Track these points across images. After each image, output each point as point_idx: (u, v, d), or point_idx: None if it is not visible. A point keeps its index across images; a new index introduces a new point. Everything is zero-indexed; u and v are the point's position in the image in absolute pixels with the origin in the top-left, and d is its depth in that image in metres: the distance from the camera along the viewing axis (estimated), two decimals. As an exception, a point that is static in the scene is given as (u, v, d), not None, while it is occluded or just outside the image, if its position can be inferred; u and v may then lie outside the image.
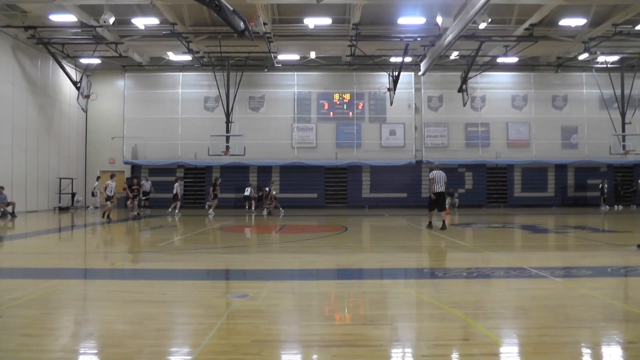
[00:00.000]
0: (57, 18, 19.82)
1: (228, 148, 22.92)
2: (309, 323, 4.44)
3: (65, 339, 4.03)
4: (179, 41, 21.61)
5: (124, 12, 19.84)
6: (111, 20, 18.11)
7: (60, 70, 23.41)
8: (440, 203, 13.32)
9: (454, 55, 24.67)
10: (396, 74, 24.24)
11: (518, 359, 3.59)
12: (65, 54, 23.37)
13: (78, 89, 23.75)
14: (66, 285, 6.07)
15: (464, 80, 24.03)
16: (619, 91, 24.80)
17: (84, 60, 24.63)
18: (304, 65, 26.84)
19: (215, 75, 24.10)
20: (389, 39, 21.69)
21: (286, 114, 27.43)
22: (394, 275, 7.08)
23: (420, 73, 25.62)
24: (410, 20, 20.10)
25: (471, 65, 23.22)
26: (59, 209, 23.68)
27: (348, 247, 10.32)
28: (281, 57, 25.14)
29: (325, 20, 20.73)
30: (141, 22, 20.48)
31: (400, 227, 15.13)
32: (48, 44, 21.74)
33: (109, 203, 17.08)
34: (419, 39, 21.42)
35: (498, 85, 27.68)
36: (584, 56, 23.52)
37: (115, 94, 27.45)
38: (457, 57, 24.89)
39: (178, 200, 21.18)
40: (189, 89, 27.41)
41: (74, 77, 24.05)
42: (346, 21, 21.48)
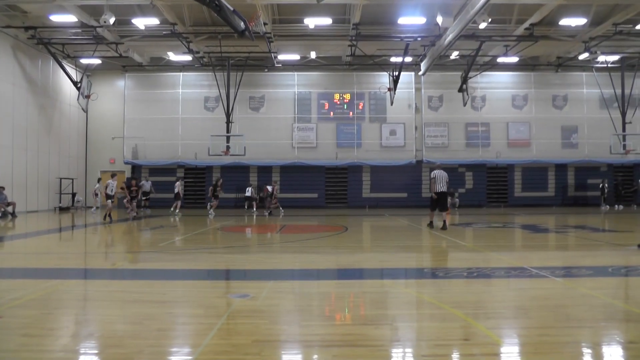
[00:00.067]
0: (58, 18, 19.85)
1: (228, 148, 22.93)
2: (310, 323, 4.43)
3: (66, 339, 4.03)
4: (179, 41, 21.63)
5: (124, 13, 19.86)
6: (111, 20, 18.14)
7: (61, 70, 23.43)
8: (442, 203, 13.32)
9: (454, 55, 24.67)
10: (396, 73, 24.26)
11: (519, 359, 3.59)
12: (66, 54, 23.39)
13: (78, 89, 23.79)
14: (66, 286, 6.07)
15: (464, 80, 24.05)
16: (619, 91, 24.80)
17: (84, 61, 24.67)
18: (304, 65, 26.84)
19: (215, 75, 24.11)
20: (389, 38, 21.69)
21: (286, 114, 27.44)
22: (394, 275, 7.08)
23: (420, 73, 25.64)
24: (411, 20, 20.10)
25: (471, 65, 23.23)
26: (60, 209, 23.70)
27: (348, 247, 10.31)
28: (281, 57, 25.14)
29: (326, 20, 20.74)
30: (141, 22, 20.50)
31: (401, 227, 15.12)
32: (48, 44, 21.76)
33: (109, 202, 17.09)
34: (419, 38, 21.44)
35: (498, 85, 27.68)
36: (584, 56, 23.52)
37: (116, 94, 27.47)
38: (457, 57, 24.89)
39: (179, 200, 21.20)
40: (189, 89, 27.43)
41: (75, 77, 24.09)
42: (346, 21, 21.48)
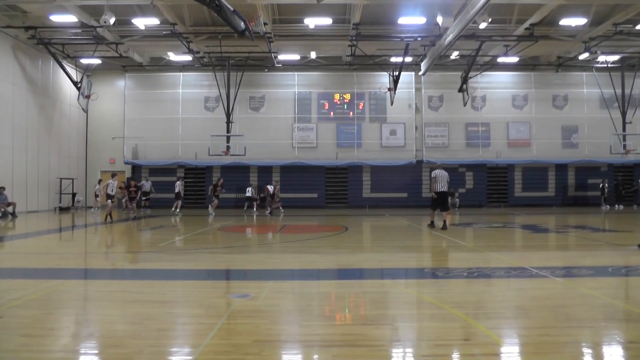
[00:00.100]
0: (58, 18, 19.84)
1: (228, 148, 22.93)
2: (310, 323, 4.43)
3: (66, 339, 4.03)
4: (179, 41, 21.63)
5: (124, 13, 19.85)
6: (111, 20, 18.13)
7: (61, 70, 23.43)
8: (443, 202, 13.30)
9: (454, 55, 24.66)
10: (396, 73, 24.25)
11: (519, 359, 3.58)
12: (66, 54, 23.39)
13: (78, 89, 23.79)
14: (67, 286, 6.07)
15: (465, 80, 24.04)
16: (619, 91, 24.78)
17: (84, 61, 24.66)
18: (305, 65, 26.83)
19: (215, 75, 24.10)
20: (390, 38, 21.69)
21: (286, 114, 27.43)
22: (394, 275, 7.08)
23: (420, 73, 25.64)
24: (411, 20, 20.09)
25: (471, 65, 23.23)
26: (60, 209, 23.70)
27: (348, 247, 10.31)
28: (281, 57, 25.14)
29: (326, 20, 20.73)
30: (141, 23, 20.49)
31: (401, 227, 15.11)
32: (48, 44, 21.75)
33: (109, 202, 17.09)
34: (419, 38, 21.43)
35: (498, 85, 27.67)
36: (585, 56, 23.50)
37: (116, 94, 27.47)
38: (458, 57, 24.88)
39: (180, 199, 21.22)
40: (189, 89, 27.42)
41: (75, 78, 24.08)
42: (346, 21, 21.48)
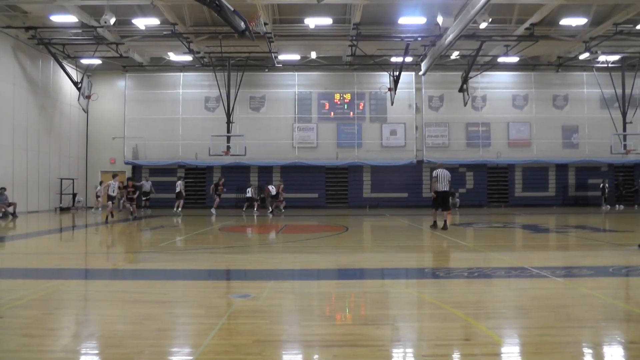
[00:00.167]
0: (58, 19, 19.84)
1: (229, 148, 22.91)
2: (310, 323, 4.43)
3: (66, 339, 4.04)
4: (179, 41, 21.63)
5: (124, 13, 19.85)
6: (112, 20, 18.13)
7: (61, 70, 23.42)
8: (445, 202, 13.29)
9: (454, 55, 24.65)
10: (397, 73, 24.24)
11: (519, 359, 3.58)
12: (66, 55, 23.39)
13: (79, 89, 23.79)
14: (67, 286, 6.07)
15: (465, 80, 24.04)
16: (619, 90, 24.76)
17: (84, 61, 24.66)
18: (305, 65, 26.83)
19: (215, 75, 24.09)
20: (390, 38, 21.68)
21: (287, 114, 27.43)
22: (394, 275, 7.08)
23: (421, 73, 25.63)
24: (411, 20, 20.07)
25: (472, 65, 23.22)
26: (60, 209, 23.70)
27: (349, 247, 10.31)
28: (282, 57, 25.13)
29: (326, 20, 20.72)
30: (142, 23, 20.48)
31: (401, 227, 15.11)
32: (49, 45, 21.74)
33: (110, 203, 17.10)
34: (419, 38, 21.42)
35: (499, 84, 27.65)
36: (585, 56, 23.49)
37: (116, 95, 27.47)
38: (458, 57, 24.87)
39: (182, 199, 21.24)
40: (189, 89, 27.42)
41: (75, 78, 24.07)
42: (347, 21, 21.47)
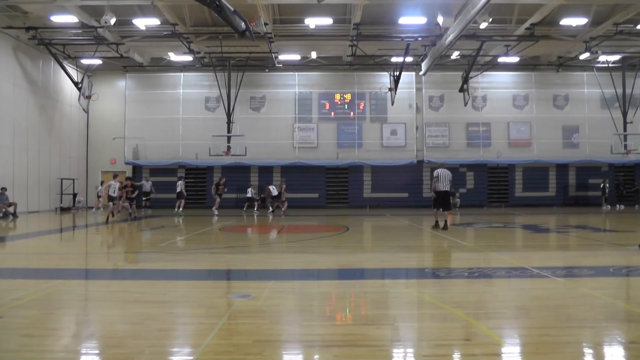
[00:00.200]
0: (58, 19, 19.86)
1: (229, 148, 22.92)
2: (311, 323, 4.43)
3: (67, 339, 4.04)
4: (179, 41, 21.64)
5: (124, 13, 19.86)
6: (112, 20, 18.13)
7: (62, 70, 23.44)
8: (446, 202, 13.27)
9: (455, 55, 24.64)
10: (397, 73, 24.24)
11: (520, 359, 3.58)
12: (67, 55, 23.40)
13: (79, 89, 23.81)
14: (67, 286, 6.07)
15: (465, 80, 24.04)
16: (620, 90, 24.75)
17: (85, 61, 24.68)
18: (305, 65, 26.83)
19: (216, 75, 24.10)
20: (390, 38, 21.68)
21: (287, 114, 27.43)
22: (395, 275, 7.07)
23: (421, 73, 25.62)
24: (411, 20, 20.07)
25: (472, 65, 23.22)
26: (61, 209, 23.71)
27: (349, 247, 10.31)
28: (282, 57, 25.14)
29: (326, 20, 20.72)
30: (142, 23, 20.49)
31: (402, 227, 15.11)
32: (49, 45, 21.76)
33: (111, 204, 17.11)
34: (419, 38, 21.42)
35: (499, 84, 27.64)
36: (585, 55, 23.48)
37: (116, 95, 27.49)
38: (458, 57, 24.87)
39: (183, 198, 21.26)
40: (190, 90, 27.43)
41: (75, 78, 24.09)
42: (347, 21, 21.47)
